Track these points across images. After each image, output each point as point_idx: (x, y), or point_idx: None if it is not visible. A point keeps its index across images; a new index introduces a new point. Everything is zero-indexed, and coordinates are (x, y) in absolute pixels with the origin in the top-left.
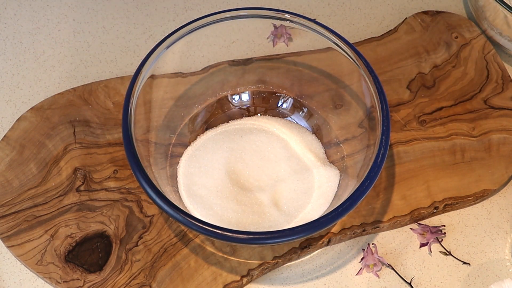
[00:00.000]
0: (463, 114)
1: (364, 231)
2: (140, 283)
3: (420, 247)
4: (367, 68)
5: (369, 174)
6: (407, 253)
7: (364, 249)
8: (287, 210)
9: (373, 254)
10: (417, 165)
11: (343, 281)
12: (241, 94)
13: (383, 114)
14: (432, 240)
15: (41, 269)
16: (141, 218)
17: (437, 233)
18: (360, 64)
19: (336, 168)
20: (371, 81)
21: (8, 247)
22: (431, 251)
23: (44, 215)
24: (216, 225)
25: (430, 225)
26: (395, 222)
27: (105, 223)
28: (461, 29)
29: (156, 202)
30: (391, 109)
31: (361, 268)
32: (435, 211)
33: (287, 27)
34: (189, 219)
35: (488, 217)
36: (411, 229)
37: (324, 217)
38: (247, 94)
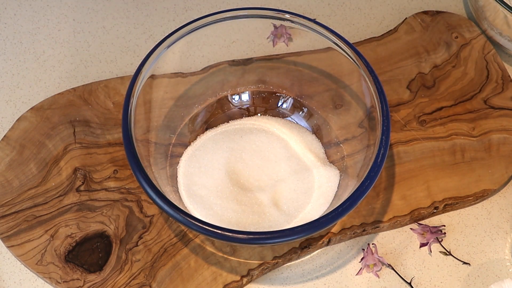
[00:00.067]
0: (463, 114)
1: (364, 231)
2: (140, 283)
3: (420, 247)
4: (367, 68)
5: (369, 174)
6: (407, 253)
7: (364, 249)
8: (287, 210)
9: (373, 254)
10: (417, 165)
11: (343, 281)
12: (241, 94)
13: (383, 114)
14: (432, 240)
15: (41, 269)
16: (141, 218)
17: (437, 233)
18: (360, 64)
19: (336, 168)
20: (371, 81)
21: (8, 247)
22: (431, 251)
23: (44, 215)
24: (216, 225)
25: (430, 225)
26: (395, 222)
27: (105, 223)
28: (461, 29)
29: (156, 202)
30: (391, 109)
31: (361, 268)
32: (435, 211)
33: (287, 27)
34: (189, 219)
35: (488, 217)
36: (411, 229)
37: (324, 217)
38: (247, 94)
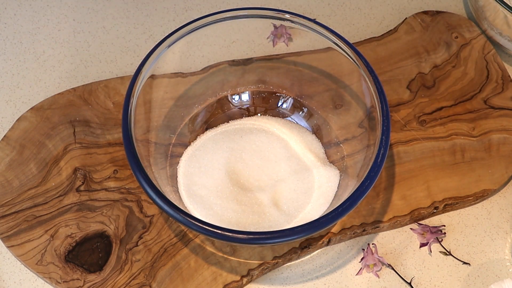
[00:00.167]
0: (463, 114)
1: (364, 231)
2: (140, 283)
3: (420, 247)
4: (367, 68)
5: (369, 174)
6: (407, 253)
7: (364, 249)
8: (287, 210)
9: (373, 254)
10: (417, 165)
11: (343, 281)
12: (241, 94)
13: (383, 114)
14: (432, 240)
15: (41, 269)
16: (141, 218)
17: (437, 233)
18: (360, 64)
19: (336, 168)
20: (371, 81)
21: (8, 247)
22: (431, 251)
23: (44, 215)
24: (216, 225)
25: (430, 225)
26: (395, 222)
27: (105, 223)
28: (461, 29)
29: (156, 202)
30: (391, 109)
31: (361, 268)
32: (435, 211)
33: (287, 27)
34: (189, 219)
35: (488, 217)
36: (411, 229)
37: (324, 217)
38: (247, 94)
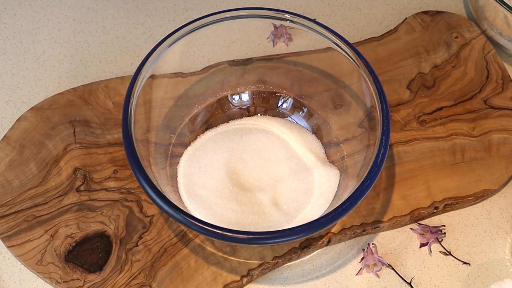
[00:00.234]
0: (463, 114)
1: (364, 231)
2: (140, 283)
3: (420, 247)
4: (367, 68)
5: (369, 174)
6: (407, 253)
7: (364, 249)
8: (287, 210)
9: (373, 254)
10: (417, 165)
11: (343, 281)
12: (241, 94)
13: (383, 114)
14: (432, 240)
15: (41, 269)
16: (141, 218)
17: (437, 233)
18: (360, 64)
19: (336, 168)
20: (371, 81)
21: (8, 247)
22: (431, 251)
23: (44, 215)
24: (216, 225)
25: (430, 225)
26: (395, 222)
27: (105, 223)
28: (461, 29)
29: (156, 202)
30: (391, 109)
31: (361, 268)
32: (435, 211)
33: (287, 27)
34: (189, 219)
35: (488, 217)
36: (411, 229)
37: (324, 217)
38: (247, 94)
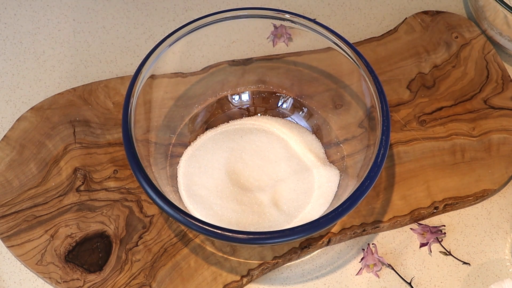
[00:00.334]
0: (463, 114)
1: (364, 231)
2: (140, 283)
3: (420, 247)
4: (367, 68)
5: (369, 174)
6: (407, 253)
7: (364, 249)
8: (287, 210)
9: (373, 254)
10: (417, 165)
11: (343, 281)
12: (241, 94)
13: (383, 114)
14: (432, 240)
15: (41, 269)
16: (141, 218)
17: (437, 233)
18: (360, 64)
19: (336, 168)
20: (371, 81)
21: (8, 247)
22: (431, 251)
23: (44, 215)
24: (216, 225)
25: (430, 225)
26: (395, 222)
27: (105, 223)
28: (461, 29)
29: (156, 202)
30: (391, 109)
31: (361, 268)
32: (435, 211)
33: (287, 27)
34: (189, 219)
35: (488, 217)
36: (411, 229)
37: (324, 217)
38: (247, 94)
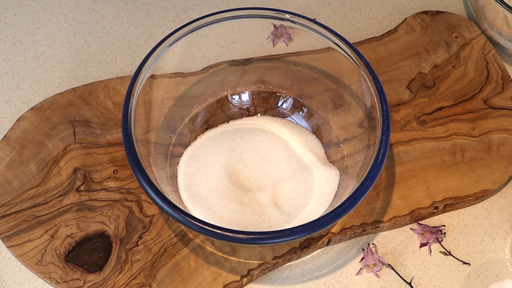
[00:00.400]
0: (463, 114)
1: (364, 231)
2: (140, 283)
3: (420, 247)
4: (367, 68)
5: (369, 174)
6: (407, 253)
7: (364, 249)
8: (287, 210)
9: (373, 254)
10: (417, 165)
11: (343, 281)
12: (241, 94)
13: (383, 114)
14: (432, 240)
15: (41, 269)
16: (141, 218)
17: (437, 233)
18: (360, 64)
19: (336, 168)
20: (371, 81)
21: (8, 247)
22: (431, 251)
23: (44, 215)
24: (216, 225)
25: (430, 225)
26: (395, 222)
27: (105, 223)
28: (461, 29)
29: (156, 202)
30: (391, 109)
31: (361, 268)
32: (435, 211)
33: (287, 27)
34: (189, 219)
35: (488, 217)
36: (411, 229)
37: (324, 217)
38: (247, 94)
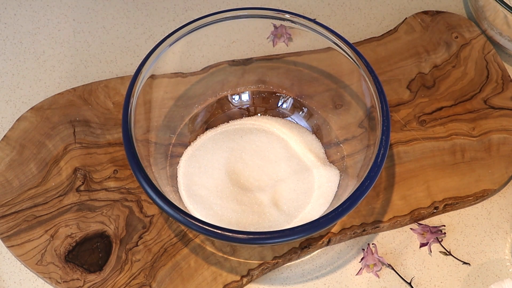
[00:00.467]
0: (463, 114)
1: (364, 231)
2: (140, 283)
3: (420, 247)
4: (367, 68)
5: (369, 174)
6: (407, 253)
7: (364, 249)
8: (287, 210)
9: (373, 254)
10: (417, 165)
11: (343, 281)
12: (241, 94)
13: (383, 114)
14: (432, 240)
15: (41, 269)
16: (141, 218)
17: (437, 233)
18: (360, 64)
19: (336, 168)
20: (371, 81)
21: (8, 247)
22: (431, 251)
23: (44, 215)
24: (216, 225)
25: (430, 225)
26: (395, 222)
27: (105, 223)
28: (461, 29)
29: (156, 202)
30: (391, 109)
31: (361, 268)
32: (435, 211)
33: (287, 27)
34: (189, 219)
35: (488, 217)
36: (411, 229)
37: (324, 217)
38: (247, 94)
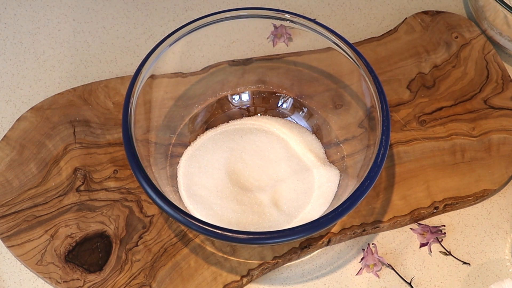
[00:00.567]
0: (463, 114)
1: (364, 231)
2: (140, 283)
3: (420, 247)
4: (367, 68)
5: (369, 174)
6: (407, 253)
7: (364, 249)
8: (287, 210)
9: (373, 254)
10: (417, 165)
11: (343, 281)
12: (241, 94)
13: (383, 114)
14: (432, 240)
15: (41, 269)
16: (141, 218)
17: (437, 233)
18: (360, 64)
19: (336, 168)
20: (371, 81)
21: (8, 247)
22: (431, 251)
23: (44, 215)
24: (216, 225)
25: (430, 225)
26: (395, 222)
27: (105, 223)
28: (461, 29)
29: (156, 202)
30: (391, 109)
31: (361, 268)
32: (435, 211)
33: (287, 27)
34: (189, 219)
35: (488, 217)
36: (411, 229)
37: (324, 217)
38: (247, 94)
